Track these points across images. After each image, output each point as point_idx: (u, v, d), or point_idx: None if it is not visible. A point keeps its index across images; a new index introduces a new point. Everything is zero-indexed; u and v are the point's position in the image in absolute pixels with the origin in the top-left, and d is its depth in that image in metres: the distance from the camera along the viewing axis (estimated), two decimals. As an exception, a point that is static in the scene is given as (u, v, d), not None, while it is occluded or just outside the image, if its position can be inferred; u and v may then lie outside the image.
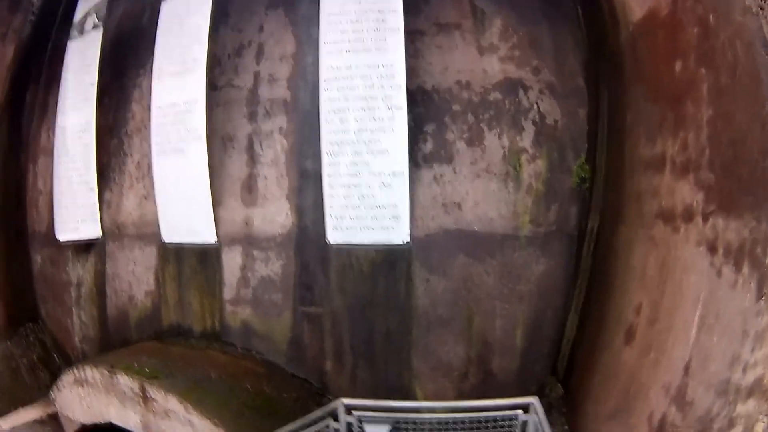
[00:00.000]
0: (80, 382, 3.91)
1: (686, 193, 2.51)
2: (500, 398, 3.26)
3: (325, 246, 3.72)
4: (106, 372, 3.77)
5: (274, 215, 3.87)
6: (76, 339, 4.74)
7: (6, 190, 4.90)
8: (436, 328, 3.78)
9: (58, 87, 4.62)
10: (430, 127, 3.76)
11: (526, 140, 3.75)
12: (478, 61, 3.83)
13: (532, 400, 3.17)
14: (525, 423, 3.21)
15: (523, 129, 3.75)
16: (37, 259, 4.97)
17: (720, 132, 2.29)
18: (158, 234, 4.10)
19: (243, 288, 3.98)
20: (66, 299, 4.74)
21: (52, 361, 4.89)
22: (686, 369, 2.30)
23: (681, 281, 2.50)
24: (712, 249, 2.26)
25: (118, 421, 3.82)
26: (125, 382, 3.68)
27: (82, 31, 4.60)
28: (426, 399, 3.79)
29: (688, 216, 2.49)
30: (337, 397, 3.60)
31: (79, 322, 4.69)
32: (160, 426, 3.59)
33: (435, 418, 3.29)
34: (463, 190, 3.72)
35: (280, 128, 3.89)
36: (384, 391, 3.76)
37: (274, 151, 3.89)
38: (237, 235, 3.95)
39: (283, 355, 3.99)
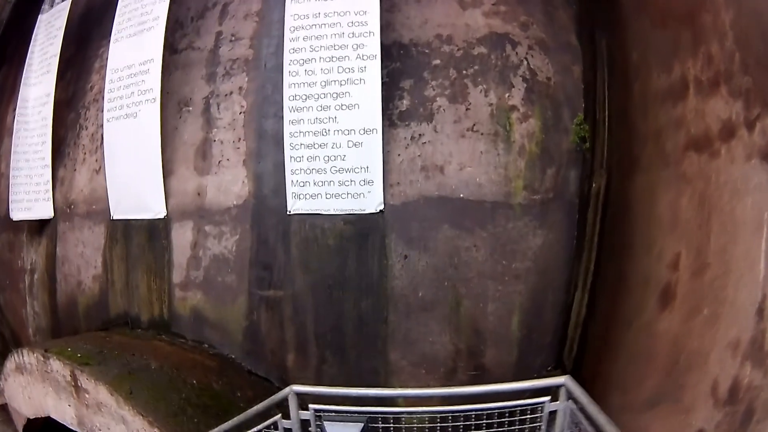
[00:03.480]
0: (20, 369, 3.14)
1: (721, 108, 1.96)
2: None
3: (285, 217, 2.88)
4: (41, 357, 3.00)
5: (230, 184, 3.01)
6: (30, 330, 3.92)
7: None
8: (417, 314, 2.86)
9: (26, 65, 3.92)
10: (407, 83, 2.92)
11: (516, 97, 2.92)
12: (460, 16, 3.03)
13: (564, 380, 2.11)
14: (553, 414, 2.17)
15: (512, 85, 2.92)
16: None
17: (748, 30, 1.85)
18: (108, 210, 3.29)
19: (193, 269, 3.09)
20: (21, 287, 3.93)
21: (9, 355, 4.13)
22: (760, 312, 1.65)
23: (733, 210, 1.84)
24: (768, 156, 1.62)
25: (55, 415, 2.98)
26: (57, 368, 2.88)
27: (52, 4, 3.99)
28: (408, 400, 2.72)
29: (729, 132, 1.90)
30: (301, 399, 2.77)
31: (32, 312, 3.87)
32: (93, 422, 2.73)
33: (425, 411, 2.34)
34: (446, 152, 2.86)
35: (240, 88, 3.09)
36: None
37: (232, 112, 3.07)
38: (188, 208, 3.10)
39: (239, 347, 3.08)
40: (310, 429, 2.38)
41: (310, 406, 2.34)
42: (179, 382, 2.90)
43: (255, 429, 2.33)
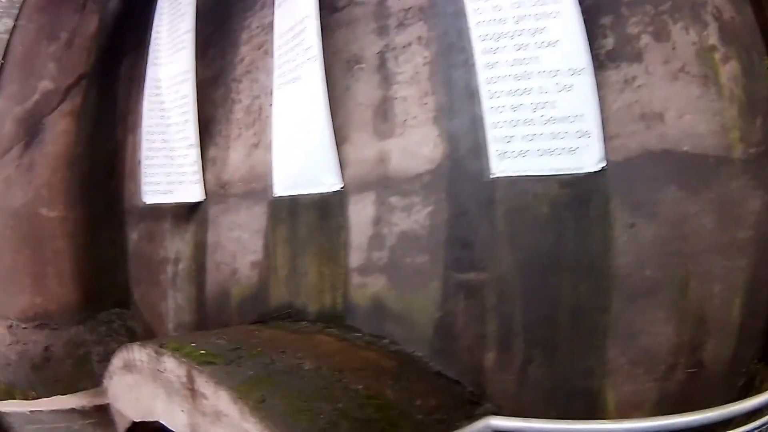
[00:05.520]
0: (129, 367, 3.04)
1: None
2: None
3: (488, 182, 2.67)
4: (153, 353, 2.83)
5: (418, 146, 2.86)
6: (170, 326, 3.98)
7: (93, 162, 4.43)
8: (641, 299, 2.54)
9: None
10: (606, 20, 2.69)
11: (713, 36, 2.64)
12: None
13: None
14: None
15: (706, 23, 2.65)
16: (133, 236, 4.37)
17: None
18: (269, 188, 3.28)
19: (376, 250, 2.95)
20: (162, 279, 4.04)
21: (137, 352, 4.22)
22: None
23: None
24: None
25: (165, 421, 2.81)
26: (171, 366, 2.69)
27: (172, -16, 4.13)
28: (619, 406, 2.55)
29: None
30: (498, 405, 2.55)
31: (175, 306, 3.94)
32: (209, 434, 2.51)
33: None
34: (662, 97, 2.57)
35: (419, 38, 2.97)
36: (561, 396, 2.60)
37: (414, 65, 2.95)
38: (368, 178, 2.99)
39: (427, 343, 2.86)
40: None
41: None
42: (338, 388, 2.55)
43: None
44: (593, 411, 2.49)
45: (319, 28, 3.10)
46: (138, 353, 2.98)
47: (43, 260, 4.19)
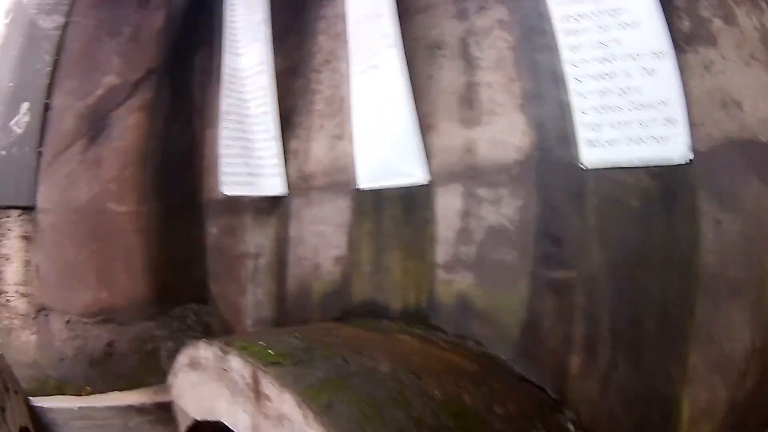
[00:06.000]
0: (194, 365, 3.23)
1: None
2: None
3: (579, 173, 2.78)
4: (219, 352, 2.98)
5: (506, 135, 3.03)
6: (249, 322, 4.33)
7: (167, 157, 4.75)
8: (724, 301, 2.55)
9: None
10: (680, 2, 2.73)
11: None
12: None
13: None
14: None
15: (763, 9, 2.64)
16: (213, 231, 4.77)
17: None
18: (352, 180, 3.57)
19: (463, 245, 3.14)
20: (241, 274, 4.42)
21: (213, 349, 4.54)
22: None
23: None
24: None
25: (227, 421, 2.97)
26: (237, 366, 2.82)
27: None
28: (692, 417, 2.53)
29: None
30: (577, 413, 2.64)
31: (254, 301, 4.30)
32: (271, 437, 2.75)
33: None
34: (738, 83, 2.59)
35: (500, 21, 3.15)
36: (640, 405, 2.64)
37: (497, 50, 3.13)
38: (455, 168, 3.19)
39: (512, 345, 3.00)
40: None
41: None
42: (414, 393, 2.58)
43: None
44: (668, 421, 2.55)
45: (396, 14, 3.37)
46: (204, 351, 3.16)
47: (110, 255, 4.47)
